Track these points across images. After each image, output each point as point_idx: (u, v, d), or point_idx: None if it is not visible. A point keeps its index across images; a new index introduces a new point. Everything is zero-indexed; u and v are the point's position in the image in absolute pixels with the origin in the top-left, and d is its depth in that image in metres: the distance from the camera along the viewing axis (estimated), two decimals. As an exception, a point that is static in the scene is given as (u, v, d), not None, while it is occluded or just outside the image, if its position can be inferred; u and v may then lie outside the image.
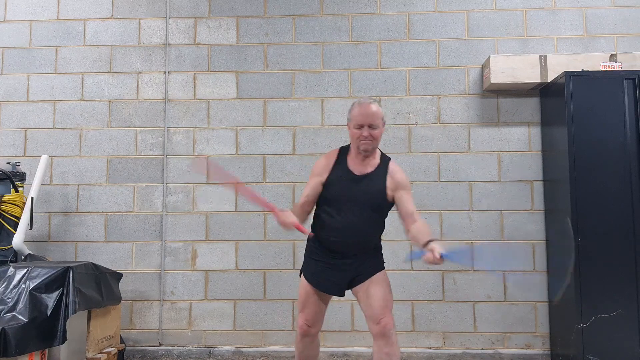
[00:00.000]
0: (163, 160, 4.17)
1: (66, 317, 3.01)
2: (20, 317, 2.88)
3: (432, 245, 2.29)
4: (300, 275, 2.72)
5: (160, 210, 4.13)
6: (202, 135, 4.18)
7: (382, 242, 4.00)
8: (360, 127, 2.51)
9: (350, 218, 2.53)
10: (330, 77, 4.15)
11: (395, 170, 2.61)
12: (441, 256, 2.25)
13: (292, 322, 3.99)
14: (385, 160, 2.64)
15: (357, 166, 2.59)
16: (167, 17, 4.29)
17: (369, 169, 2.58)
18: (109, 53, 4.29)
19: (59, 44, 4.31)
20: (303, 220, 2.56)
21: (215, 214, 4.11)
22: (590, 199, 3.44)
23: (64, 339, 2.98)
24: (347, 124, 2.62)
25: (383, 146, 4.06)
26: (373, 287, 2.57)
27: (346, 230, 2.53)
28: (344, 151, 2.66)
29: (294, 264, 4.02)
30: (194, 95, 4.22)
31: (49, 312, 2.98)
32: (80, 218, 4.16)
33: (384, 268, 2.66)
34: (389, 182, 2.57)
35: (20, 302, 2.94)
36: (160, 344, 4.04)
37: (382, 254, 2.72)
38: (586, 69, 3.67)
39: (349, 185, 2.54)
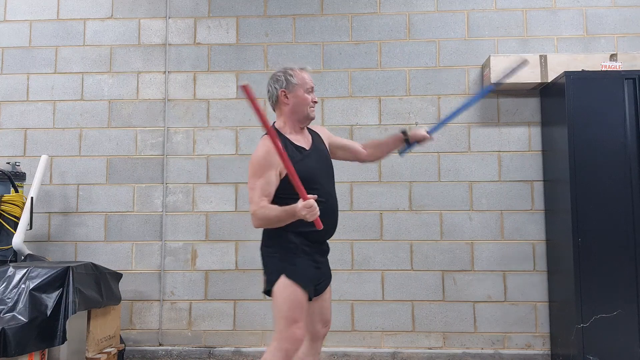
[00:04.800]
0: (163, 160, 4.17)
1: (66, 317, 3.01)
2: (20, 317, 2.88)
3: (413, 130, 2.55)
4: (274, 280, 2.28)
5: (160, 210, 4.13)
6: (202, 135, 4.18)
7: (382, 242, 4.03)
8: (312, 91, 2.41)
9: (328, 197, 2.33)
10: (330, 77, 4.15)
11: (317, 128, 2.56)
12: (428, 132, 2.54)
13: (292, 322, 3.99)
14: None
15: (301, 141, 2.39)
16: (167, 17, 4.29)
17: (309, 138, 2.44)
18: (109, 53, 4.29)
19: (59, 44, 4.31)
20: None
21: (215, 214, 4.11)
22: (590, 199, 3.44)
23: (63, 339, 2.98)
24: (289, 91, 2.37)
25: (383, 146, 4.07)
26: (328, 291, 2.49)
27: (330, 212, 2.34)
28: (277, 133, 2.38)
29: (294, 264, 4.01)
30: (194, 95, 4.22)
31: (48, 312, 2.98)
32: (80, 218, 4.16)
33: None
34: (325, 140, 2.52)
35: (20, 302, 2.94)
36: (160, 344, 4.03)
37: None
38: (586, 69, 3.67)
39: (310, 163, 2.32)
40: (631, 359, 3.32)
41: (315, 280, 2.34)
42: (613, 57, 3.75)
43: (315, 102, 2.43)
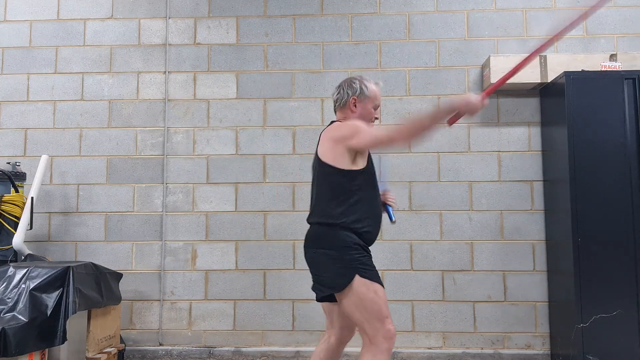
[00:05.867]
0: (163, 160, 4.17)
1: (66, 317, 3.01)
2: (20, 317, 2.88)
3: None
4: (345, 282, 2.19)
5: (160, 210, 4.13)
6: (202, 135, 4.18)
7: (382, 242, 4.03)
8: (377, 107, 2.43)
9: (379, 202, 2.38)
10: (330, 77, 4.15)
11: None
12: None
13: (292, 322, 3.99)
14: None
15: None
16: (167, 17, 4.29)
17: None
18: (109, 53, 4.29)
19: (59, 44, 4.31)
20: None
21: (215, 214, 4.11)
22: (590, 199, 3.44)
23: (64, 339, 2.98)
24: (360, 100, 2.39)
25: (383, 146, 4.07)
26: None
27: (380, 215, 2.37)
28: None
29: (294, 264, 4.02)
30: (194, 95, 4.22)
31: (49, 312, 2.98)
32: (80, 218, 4.16)
33: None
34: None
35: (20, 302, 2.94)
36: (160, 344, 4.04)
37: None
38: (586, 69, 3.67)
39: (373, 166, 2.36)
40: (631, 359, 3.32)
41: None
42: (613, 57, 3.75)
43: (377, 118, 2.44)
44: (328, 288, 2.26)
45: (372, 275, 2.22)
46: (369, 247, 2.33)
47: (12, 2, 4.36)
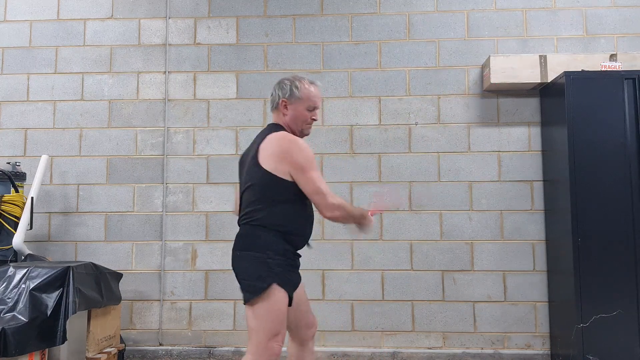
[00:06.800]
0: (163, 160, 4.17)
1: (66, 317, 3.01)
2: (20, 317, 2.88)
3: None
4: (262, 289, 2.12)
5: (160, 210, 4.13)
6: (202, 135, 4.18)
7: (382, 242, 4.04)
8: (314, 109, 2.34)
9: (312, 216, 2.36)
10: (330, 77, 4.15)
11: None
12: None
13: (292, 322, 3.99)
14: None
15: None
16: (167, 17, 4.29)
17: None
18: (109, 53, 4.29)
19: (59, 44, 4.31)
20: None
21: (215, 214, 4.11)
22: (590, 199, 3.44)
23: (64, 339, 2.98)
24: (290, 102, 2.31)
25: (384, 146, 4.08)
26: (303, 292, 2.42)
27: (312, 222, 2.35)
28: None
29: (294, 264, 4.01)
30: (194, 95, 4.22)
31: (49, 312, 2.98)
32: (80, 218, 4.16)
33: None
34: None
35: (20, 302, 2.94)
36: (160, 344, 4.04)
37: None
38: (586, 69, 3.67)
39: None
40: (631, 359, 3.32)
41: (296, 286, 2.29)
42: (613, 57, 3.75)
43: (315, 119, 2.36)
44: (251, 290, 2.15)
45: (288, 286, 2.17)
46: (299, 252, 2.31)
47: (12, 2, 4.36)
